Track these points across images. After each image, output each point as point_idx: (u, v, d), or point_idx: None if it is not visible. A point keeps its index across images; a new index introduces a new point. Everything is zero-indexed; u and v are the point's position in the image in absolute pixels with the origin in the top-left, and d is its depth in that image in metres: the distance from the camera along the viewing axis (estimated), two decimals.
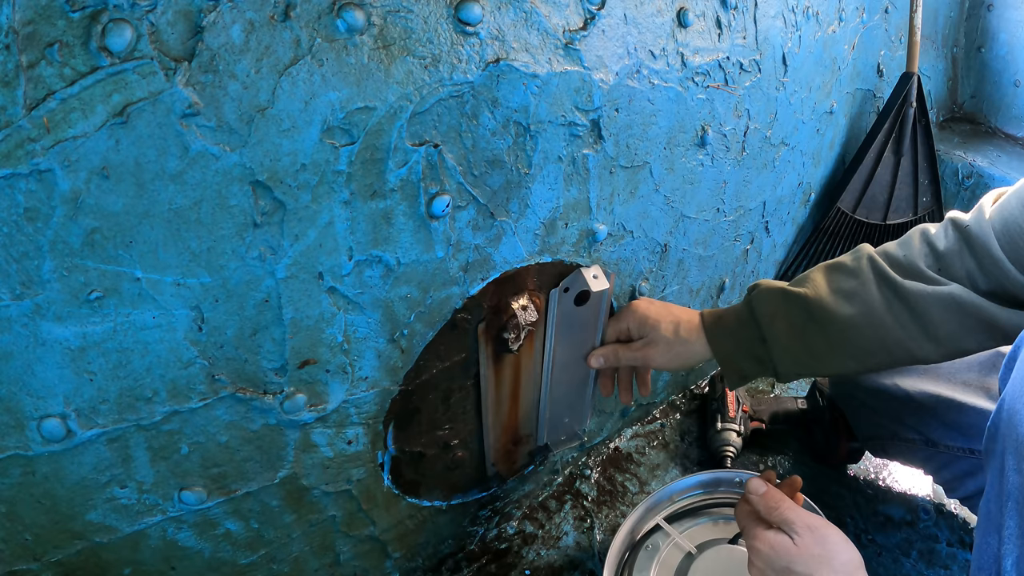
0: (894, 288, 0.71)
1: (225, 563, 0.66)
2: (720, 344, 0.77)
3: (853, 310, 0.72)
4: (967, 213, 0.72)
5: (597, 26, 0.64)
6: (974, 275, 0.70)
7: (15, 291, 0.45)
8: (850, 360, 0.73)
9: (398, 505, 0.77)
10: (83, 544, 0.57)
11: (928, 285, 0.70)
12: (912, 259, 0.72)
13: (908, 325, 0.71)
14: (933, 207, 1.30)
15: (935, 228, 0.74)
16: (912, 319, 0.70)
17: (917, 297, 0.70)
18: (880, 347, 0.72)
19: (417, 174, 0.57)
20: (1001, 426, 0.56)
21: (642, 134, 0.74)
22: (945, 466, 0.86)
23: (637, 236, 0.82)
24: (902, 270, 0.72)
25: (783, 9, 0.85)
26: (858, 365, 0.74)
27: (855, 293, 0.72)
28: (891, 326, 0.71)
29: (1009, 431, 0.54)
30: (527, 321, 0.72)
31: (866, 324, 0.71)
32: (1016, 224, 0.66)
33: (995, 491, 0.57)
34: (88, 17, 0.40)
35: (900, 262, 0.73)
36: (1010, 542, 0.54)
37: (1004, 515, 0.55)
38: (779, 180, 1.03)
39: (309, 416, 0.61)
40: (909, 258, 0.73)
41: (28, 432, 0.49)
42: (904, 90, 1.18)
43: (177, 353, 0.52)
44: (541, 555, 0.92)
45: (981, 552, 0.59)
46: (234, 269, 0.51)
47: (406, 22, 0.52)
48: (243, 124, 0.47)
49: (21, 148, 0.41)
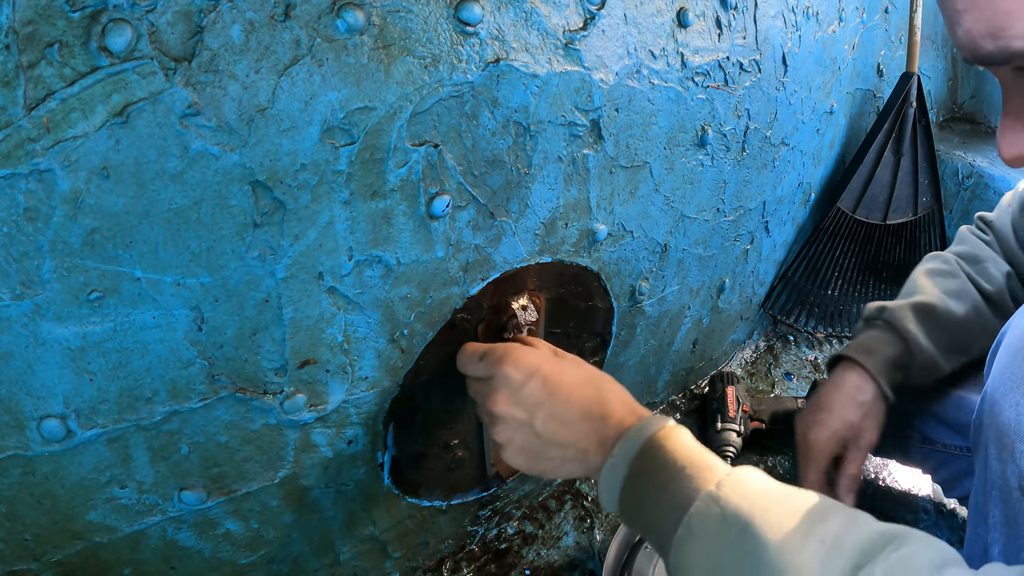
0: (979, 286, 0.82)
1: (225, 563, 0.66)
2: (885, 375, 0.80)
3: (965, 308, 0.81)
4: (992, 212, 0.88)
5: (597, 26, 0.64)
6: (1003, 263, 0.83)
7: (15, 291, 0.45)
8: (963, 354, 0.81)
9: (398, 505, 0.77)
10: (83, 544, 0.57)
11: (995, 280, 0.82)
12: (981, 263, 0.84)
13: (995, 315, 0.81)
14: (933, 207, 1.30)
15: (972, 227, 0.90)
16: (995, 312, 0.81)
17: (993, 294, 0.81)
18: (985, 338, 0.77)
19: (417, 174, 0.57)
20: (984, 418, 0.57)
21: (642, 134, 0.74)
22: (943, 464, 0.86)
23: (637, 236, 0.82)
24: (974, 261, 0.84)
25: (783, 9, 0.85)
26: (967, 356, 0.81)
27: (962, 291, 0.81)
28: (990, 316, 0.81)
29: (991, 422, 0.55)
30: (527, 321, 0.72)
31: (977, 320, 0.80)
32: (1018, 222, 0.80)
33: (981, 482, 0.58)
34: (88, 17, 0.40)
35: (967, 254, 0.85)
36: (996, 530, 0.55)
37: (989, 504, 0.55)
38: (779, 180, 1.03)
39: (309, 416, 0.61)
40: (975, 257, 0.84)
41: (28, 432, 0.49)
42: (904, 90, 1.18)
43: (177, 353, 0.52)
44: (541, 555, 0.92)
45: (971, 543, 0.60)
46: (234, 269, 0.51)
47: (406, 22, 0.52)
48: (243, 124, 0.47)
49: (21, 148, 0.41)
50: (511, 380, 0.58)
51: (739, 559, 0.44)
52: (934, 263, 0.85)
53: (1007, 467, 0.52)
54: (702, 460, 0.50)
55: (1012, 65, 0.38)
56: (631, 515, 0.53)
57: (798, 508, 0.44)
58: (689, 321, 1.04)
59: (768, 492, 0.46)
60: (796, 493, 0.46)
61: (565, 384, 0.58)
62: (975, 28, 0.37)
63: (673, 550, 0.48)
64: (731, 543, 0.44)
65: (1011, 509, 0.52)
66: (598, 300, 0.83)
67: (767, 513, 0.44)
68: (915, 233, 1.30)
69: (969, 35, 0.37)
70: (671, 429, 0.54)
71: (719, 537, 0.45)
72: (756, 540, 0.43)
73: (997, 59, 0.37)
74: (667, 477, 0.50)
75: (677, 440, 0.52)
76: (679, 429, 0.54)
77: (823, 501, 0.46)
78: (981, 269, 0.83)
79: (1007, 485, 0.53)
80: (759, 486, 0.47)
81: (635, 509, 0.52)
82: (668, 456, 0.51)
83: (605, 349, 0.89)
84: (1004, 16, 0.35)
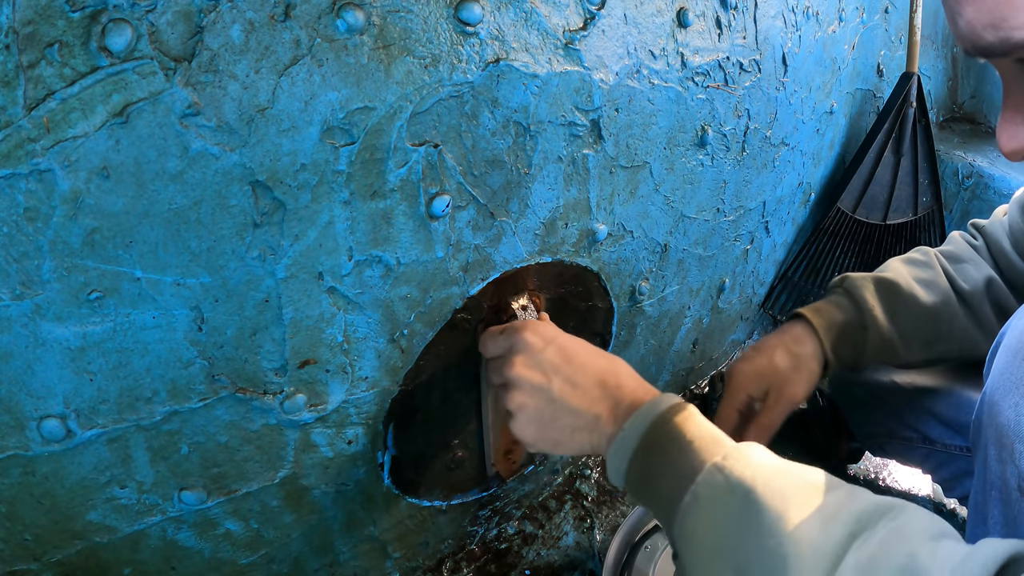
0: (955, 284, 0.80)
1: (225, 563, 0.66)
2: (830, 336, 0.78)
3: (934, 298, 0.78)
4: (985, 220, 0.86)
5: (597, 26, 0.64)
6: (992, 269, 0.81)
7: (15, 291, 0.45)
8: (926, 346, 0.79)
9: (398, 505, 0.77)
10: (83, 544, 0.57)
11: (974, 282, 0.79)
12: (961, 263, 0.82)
13: (967, 316, 0.79)
14: (933, 207, 1.30)
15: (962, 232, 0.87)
16: (968, 311, 0.79)
17: (970, 295, 0.79)
18: (953, 334, 0.78)
19: (417, 174, 0.57)
20: (983, 418, 0.57)
21: (642, 134, 0.74)
22: (943, 465, 0.86)
23: (637, 236, 0.82)
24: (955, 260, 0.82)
25: (783, 9, 0.85)
26: (931, 351, 0.79)
27: (933, 283, 0.80)
28: (961, 315, 0.78)
29: (990, 422, 0.55)
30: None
31: (945, 311, 0.78)
32: (1016, 224, 0.77)
33: (981, 483, 0.58)
34: (88, 17, 0.40)
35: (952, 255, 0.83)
36: (995, 531, 0.55)
37: (989, 505, 0.56)
38: (779, 180, 1.03)
39: (309, 416, 0.61)
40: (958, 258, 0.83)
41: (28, 432, 0.49)
42: (904, 90, 1.18)
43: (177, 353, 0.52)
44: (541, 555, 0.92)
45: (971, 543, 0.60)
46: (234, 269, 0.51)
47: (406, 22, 0.52)
48: (243, 124, 0.47)
49: (21, 148, 0.41)
50: (530, 345, 0.60)
51: (742, 525, 0.45)
52: (913, 254, 0.85)
53: (1006, 468, 0.53)
54: (710, 435, 0.52)
55: (1013, 57, 0.38)
56: (638, 486, 0.55)
57: (800, 481, 0.46)
58: (689, 321, 1.04)
59: (773, 465, 0.48)
60: (800, 467, 0.48)
61: (581, 353, 0.60)
62: (976, 19, 0.37)
63: (679, 518, 0.49)
64: (735, 510, 0.46)
65: (1010, 510, 0.53)
66: (598, 300, 0.83)
67: (770, 483, 0.46)
68: (915, 233, 1.30)
69: (970, 26, 0.37)
70: (682, 406, 0.55)
71: (723, 504, 0.47)
72: (758, 507, 0.45)
73: (998, 50, 0.37)
74: (676, 450, 0.52)
75: (687, 416, 0.54)
76: (689, 407, 0.55)
77: (826, 476, 0.47)
78: (960, 268, 0.81)
79: (1006, 486, 0.53)
80: (764, 459, 0.49)
81: (643, 480, 0.54)
82: (678, 431, 0.52)
83: (605, 349, 0.89)
84: (1006, 6, 0.35)
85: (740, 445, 0.50)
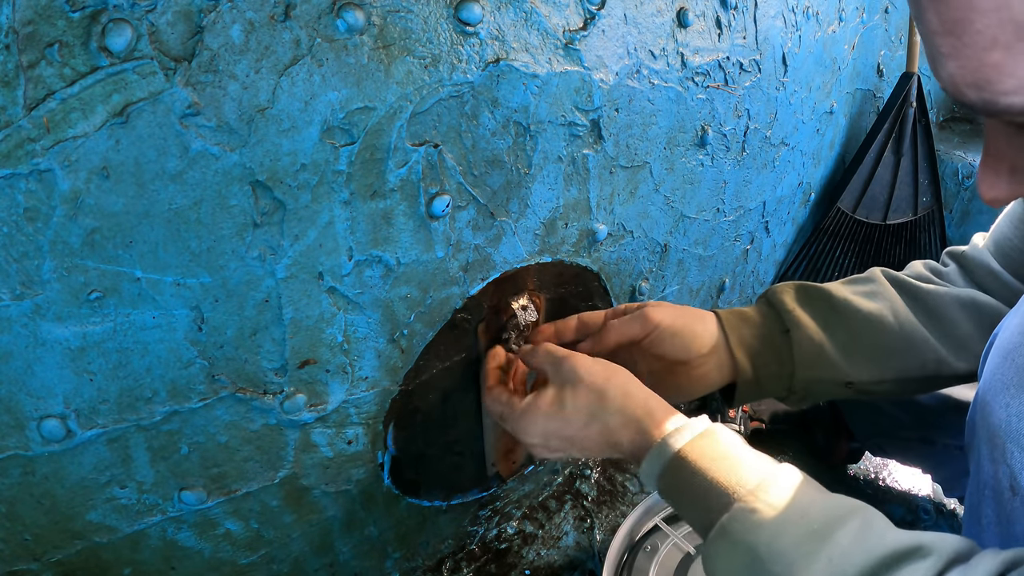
0: (910, 290, 0.72)
1: (225, 563, 0.66)
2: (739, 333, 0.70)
3: (877, 305, 0.69)
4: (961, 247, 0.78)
5: (597, 26, 0.64)
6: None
7: (15, 291, 0.45)
8: (873, 362, 0.69)
9: (398, 505, 0.77)
10: (83, 544, 0.57)
11: (943, 287, 0.72)
12: (919, 272, 0.76)
13: (928, 324, 0.70)
14: (933, 207, 1.30)
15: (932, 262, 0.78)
16: (929, 319, 0.70)
17: (933, 297, 0.71)
18: (907, 346, 0.69)
19: (417, 174, 0.57)
20: (976, 418, 0.57)
21: (642, 134, 0.74)
22: (942, 464, 0.87)
23: (637, 236, 0.82)
24: (915, 276, 0.75)
25: (783, 9, 0.85)
26: (883, 368, 0.69)
27: (876, 293, 0.72)
28: (916, 324, 0.69)
29: (983, 422, 0.55)
30: (527, 321, 0.72)
31: (892, 319, 0.69)
32: (1006, 239, 0.72)
33: (974, 483, 0.58)
34: (88, 17, 0.40)
35: (909, 273, 0.76)
36: (989, 530, 0.55)
37: (983, 504, 0.56)
38: (779, 180, 1.03)
39: (309, 416, 0.61)
40: (916, 271, 0.76)
41: (28, 432, 0.49)
42: (904, 90, 1.18)
43: (177, 353, 0.52)
44: (541, 555, 0.92)
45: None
46: (234, 269, 0.51)
47: (406, 22, 0.52)
48: (243, 124, 0.47)
49: (21, 148, 0.41)
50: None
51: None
52: (855, 276, 0.77)
53: (999, 467, 0.53)
54: (718, 482, 0.52)
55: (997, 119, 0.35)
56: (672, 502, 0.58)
57: (809, 526, 0.46)
58: None
59: (780, 516, 0.48)
60: (811, 506, 0.48)
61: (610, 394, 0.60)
62: (959, 76, 0.33)
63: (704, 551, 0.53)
64: (742, 570, 0.48)
65: (1003, 509, 0.53)
66: (598, 300, 0.83)
67: (775, 541, 0.47)
68: (915, 233, 1.30)
69: (952, 80, 0.34)
70: (694, 443, 0.55)
71: (731, 567, 0.49)
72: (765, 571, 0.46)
73: (980, 111, 0.34)
74: (688, 500, 0.54)
75: (700, 455, 0.54)
76: (705, 437, 0.55)
77: (838, 509, 0.47)
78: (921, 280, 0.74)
79: (999, 485, 0.53)
80: (769, 513, 0.49)
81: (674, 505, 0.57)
82: (687, 480, 0.54)
83: None
84: (991, 69, 0.32)
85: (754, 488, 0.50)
